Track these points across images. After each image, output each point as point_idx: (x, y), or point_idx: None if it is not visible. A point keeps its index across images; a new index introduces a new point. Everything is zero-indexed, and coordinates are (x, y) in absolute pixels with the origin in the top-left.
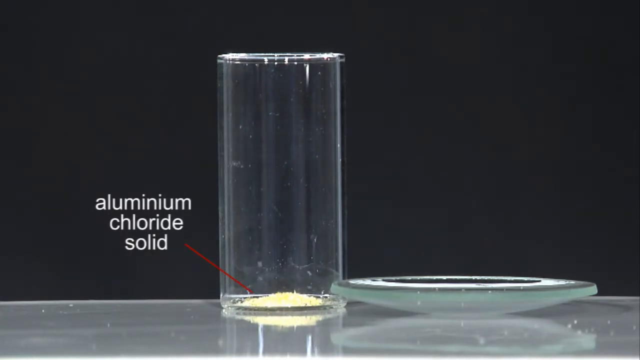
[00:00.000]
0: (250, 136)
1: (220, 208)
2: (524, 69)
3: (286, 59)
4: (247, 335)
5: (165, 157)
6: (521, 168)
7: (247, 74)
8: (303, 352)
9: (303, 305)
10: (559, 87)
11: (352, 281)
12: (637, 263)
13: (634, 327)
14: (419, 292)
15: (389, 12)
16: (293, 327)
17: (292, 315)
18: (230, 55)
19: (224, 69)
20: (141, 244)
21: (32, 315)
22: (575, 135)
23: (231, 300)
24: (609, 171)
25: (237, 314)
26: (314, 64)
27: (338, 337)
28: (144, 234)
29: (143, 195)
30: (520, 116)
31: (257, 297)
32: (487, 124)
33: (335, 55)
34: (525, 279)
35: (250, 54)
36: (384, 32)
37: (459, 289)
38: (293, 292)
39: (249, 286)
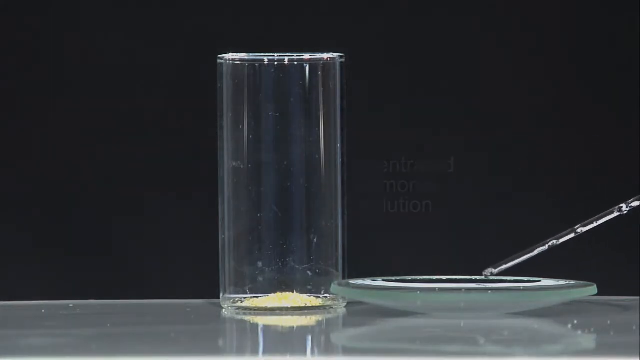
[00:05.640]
0: (250, 136)
1: (220, 208)
2: (525, 69)
3: (286, 59)
4: (247, 335)
5: (165, 157)
6: (521, 168)
7: (247, 74)
8: (303, 352)
9: (303, 305)
10: (556, 88)
11: (352, 281)
12: (637, 263)
13: (634, 327)
14: (419, 292)
15: (389, 12)
16: (293, 327)
17: (292, 315)
18: (230, 55)
19: (224, 69)
20: (142, 243)
21: (32, 315)
22: (575, 136)
23: (231, 300)
24: (608, 171)
25: (237, 314)
26: (314, 64)
27: (338, 337)
28: (144, 234)
29: (143, 195)
30: (522, 117)
31: (257, 297)
32: (487, 124)
33: (335, 55)
34: (525, 279)
35: (250, 54)
36: (384, 32)
37: (459, 289)
38: (293, 292)
39: (249, 286)
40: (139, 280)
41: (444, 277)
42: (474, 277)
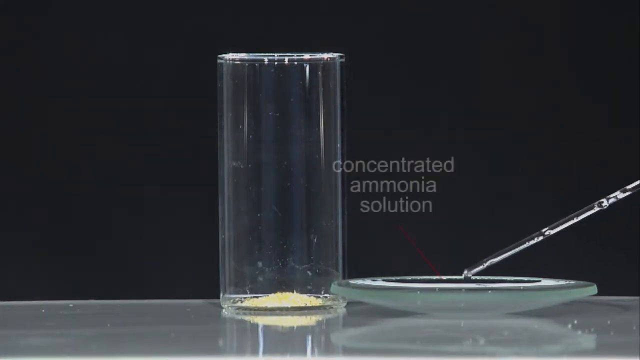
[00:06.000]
0: (250, 136)
1: (220, 208)
2: (525, 69)
3: (286, 59)
4: (247, 335)
5: (165, 157)
6: (521, 168)
7: (247, 74)
8: (303, 352)
9: (303, 305)
10: (556, 88)
11: (352, 281)
12: (637, 263)
13: (634, 327)
14: (419, 292)
15: (389, 12)
16: (293, 327)
17: (292, 315)
18: (230, 55)
19: (224, 69)
20: (142, 243)
21: (32, 315)
22: (575, 136)
23: (231, 300)
24: (608, 171)
25: (237, 314)
26: (314, 64)
27: (338, 337)
28: (144, 234)
29: (143, 195)
30: (522, 117)
31: (257, 297)
32: (487, 125)
33: (335, 55)
34: (525, 279)
35: (250, 54)
36: (384, 32)
37: (459, 289)
38: (293, 292)
39: (249, 286)
40: (139, 280)
41: (444, 277)
42: (474, 277)
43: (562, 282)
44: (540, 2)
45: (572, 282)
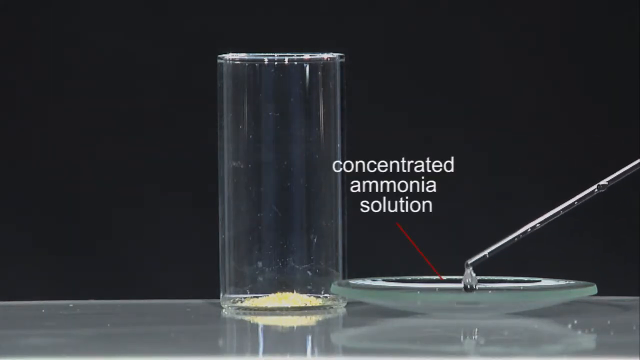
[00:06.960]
0: (250, 136)
1: (220, 208)
2: (525, 69)
3: (286, 59)
4: (247, 335)
5: (165, 157)
6: (521, 168)
7: (247, 74)
8: (303, 352)
9: (303, 305)
10: (556, 88)
11: (352, 281)
12: (637, 263)
13: (634, 327)
14: (419, 292)
15: (389, 12)
16: (293, 327)
17: (292, 315)
18: (230, 55)
19: (224, 69)
20: (142, 243)
21: (32, 315)
22: (575, 136)
23: (231, 300)
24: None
25: (237, 314)
26: (314, 64)
27: (338, 337)
28: (144, 234)
29: (143, 195)
30: (521, 117)
31: (257, 297)
32: (487, 124)
33: (335, 55)
34: (525, 279)
35: (250, 54)
36: (384, 32)
37: (459, 289)
38: (293, 292)
39: (249, 286)
40: (139, 280)
41: (444, 277)
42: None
43: (562, 282)
44: (540, 2)
45: (572, 282)
